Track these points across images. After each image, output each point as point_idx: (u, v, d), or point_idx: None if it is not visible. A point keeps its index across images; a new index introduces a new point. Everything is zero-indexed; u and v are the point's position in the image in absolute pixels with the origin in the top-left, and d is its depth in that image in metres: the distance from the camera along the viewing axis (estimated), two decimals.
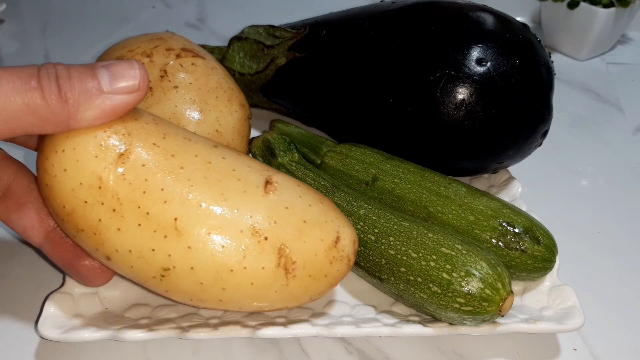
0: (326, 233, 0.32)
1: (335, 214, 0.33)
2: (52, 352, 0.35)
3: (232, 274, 0.29)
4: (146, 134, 0.30)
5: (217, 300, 0.31)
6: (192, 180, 0.29)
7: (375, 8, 0.47)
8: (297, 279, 0.31)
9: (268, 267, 0.30)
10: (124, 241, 0.29)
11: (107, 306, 0.36)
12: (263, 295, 0.31)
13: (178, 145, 0.30)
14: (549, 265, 0.37)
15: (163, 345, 0.35)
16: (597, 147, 0.57)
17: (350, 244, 0.33)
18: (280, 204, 0.31)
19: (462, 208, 0.38)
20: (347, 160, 0.43)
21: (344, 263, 0.33)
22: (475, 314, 0.32)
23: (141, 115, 0.31)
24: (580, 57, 0.72)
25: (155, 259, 0.29)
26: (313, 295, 0.32)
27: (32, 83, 0.25)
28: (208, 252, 0.29)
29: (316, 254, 0.31)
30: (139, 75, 0.27)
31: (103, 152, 0.28)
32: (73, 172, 0.28)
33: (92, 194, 0.28)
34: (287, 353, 0.36)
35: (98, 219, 0.29)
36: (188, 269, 0.29)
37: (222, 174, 0.30)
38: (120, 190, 0.28)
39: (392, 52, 0.42)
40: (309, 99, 0.49)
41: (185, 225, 0.29)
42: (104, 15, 0.79)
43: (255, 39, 0.51)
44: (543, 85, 0.41)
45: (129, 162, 0.29)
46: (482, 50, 0.39)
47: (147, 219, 0.29)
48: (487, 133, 0.40)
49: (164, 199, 0.29)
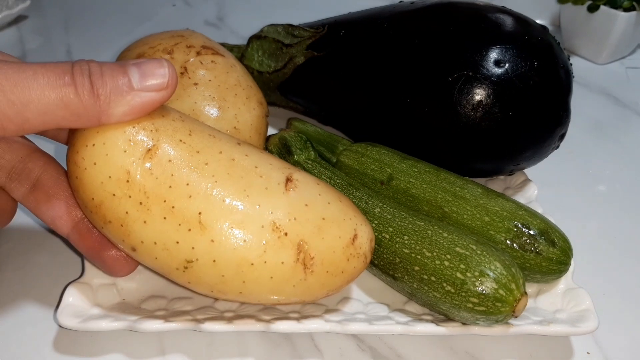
0: (344, 230, 0.32)
1: (353, 212, 0.34)
2: (70, 341, 0.36)
3: (253, 267, 0.30)
4: (173, 130, 0.31)
5: (237, 293, 0.32)
6: (216, 176, 0.30)
7: (394, 8, 0.47)
8: (315, 274, 0.32)
9: (287, 262, 0.31)
10: (150, 233, 0.30)
11: (125, 297, 0.37)
12: (281, 289, 0.31)
13: (203, 142, 0.31)
14: (564, 268, 0.37)
15: (178, 336, 0.36)
16: (615, 151, 0.57)
17: (367, 242, 0.34)
18: (300, 201, 0.32)
19: (478, 209, 0.38)
20: (363, 159, 0.43)
21: (360, 260, 0.33)
22: (489, 315, 0.32)
23: (168, 112, 0.32)
24: (600, 61, 0.71)
25: (179, 251, 0.30)
26: (330, 290, 0.33)
27: (66, 79, 0.26)
28: (230, 246, 0.30)
29: (334, 250, 0.32)
30: (168, 74, 0.28)
31: (131, 147, 0.29)
32: (102, 165, 0.29)
33: (120, 187, 0.29)
34: (300, 348, 0.36)
35: (125, 211, 0.30)
36: (210, 262, 0.30)
37: (245, 170, 0.31)
38: (147, 184, 0.30)
39: (410, 53, 0.43)
40: (326, 98, 0.50)
41: (209, 219, 0.30)
42: (125, 12, 0.81)
43: (274, 37, 0.52)
44: (561, 87, 0.41)
45: (156, 158, 0.30)
46: (500, 51, 0.39)
47: (172, 213, 0.30)
48: (504, 134, 0.40)
49: (189, 193, 0.30)
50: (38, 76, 0.26)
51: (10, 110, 0.25)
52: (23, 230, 0.43)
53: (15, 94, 0.25)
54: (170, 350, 0.35)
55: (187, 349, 0.35)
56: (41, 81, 0.26)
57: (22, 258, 0.41)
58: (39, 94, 0.26)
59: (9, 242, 0.42)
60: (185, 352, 0.35)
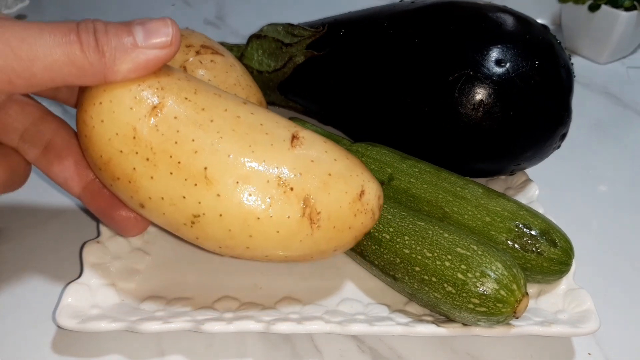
0: (351, 186, 0.33)
1: (360, 169, 0.34)
2: (69, 341, 0.35)
3: (259, 221, 0.31)
4: (178, 88, 0.31)
5: (245, 248, 0.32)
6: (221, 133, 0.31)
7: (394, 8, 0.47)
8: (322, 229, 0.32)
9: (293, 217, 0.31)
10: (157, 189, 0.30)
11: (124, 298, 0.37)
12: (288, 244, 0.32)
13: (208, 100, 0.32)
14: (565, 268, 0.37)
15: (177, 338, 0.36)
16: (616, 151, 0.57)
17: (375, 198, 0.34)
18: (306, 157, 0.32)
19: (479, 209, 0.38)
20: (364, 159, 0.43)
21: (368, 216, 0.33)
22: (490, 315, 0.32)
23: (173, 71, 0.32)
24: (601, 61, 0.71)
25: (186, 206, 0.31)
26: (337, 246, 0.33)
27: (71, 36, 0.27)
28: (236, 200, 0.30)
29: (340, 205, 0.32)
30: (172, 32, 0.29)
31: (137, 104, 0.30)
32: (109, 123, 0.30)
33: (127, 144, 0.30)
34: (300, 349, 0.36)
35: (132, 167, 0.30)
36: (217, 216, 0.31)
37: (250, 127, 0.31)
38: (154, 140, 0.30)
39: (411, 52, 0.42)
40: (326, 98, 0.50)
41: (215, 174, 0.30)
42: (124, 12, 0.80)
43: (273, 37, 0.52)
44: (562, 87, 0.41)
45: (162, 114, 0.30)
46: (501, 51, 0.39)
47: (178, 168, 0.30)
48: (504, 134, 0.40)
49: (194, 149, 0.30)
50: (44, 33, 0.26)
51: (18, 66, 0.26)
52: (23, 230, 0.43)
53: (22, 49, 0.26)
54: (169, 351, 0.35)
55: (187, 350, 0.35)
56: (47, 38, 0.26)
57: (21, 258, 0.41)
58: (46, 50, 0.26)
59: (9, 242, 0.42)
60: (185, 353, 0.35)
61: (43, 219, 0.44)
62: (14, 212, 0.45)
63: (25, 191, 0.47)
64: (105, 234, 0.40)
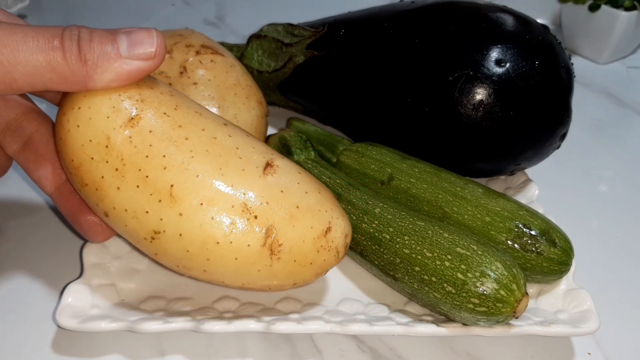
0: (317, 221, 0.32)
1: (331, 205, 0.33)
2: (69, 341, 0.35)
3: (218, 246, 0.30)
4: (159, 102, 0.31)
5: (202, 270, 0.32)
6: (193, 152, 0.31)
7: (395, 7, 0.47)
8: (282, 261, 0.31)
9: (253, 245, 0.31)
10: (122, 200, 0.30)
11: (124, 298, 0.37)
12: (246, 272, 0.31)
13: (188, 117, 0.31)
14: (565, 268, 0.37)
15: (177, 337, 0.36)
16: (616, 151, 0.57)
17: (341, 236, 0.33)
18: (276, 186, 0.32)
19: (478, 209, 0.38)
20: (363, 159, 0.43)
21: (331, 254, 0.33)
22: (490, 315, 0.32)
23: (158, 85, 0.32)
24: (601, 61, 0.71)
25: (148, 220, 0.30)
26: (297, 280, 0.33)
27: (55, 42, 0.27)
28: (198, 222, 0.30)
29: (304, 240, 0.32)
30: (156, 43, 0.28)
31: (114, 114, 0.30)
32: (85, 128, 0.30)
33: (99, 152, 0.30)
34: (300, 349, 0.36)
35: (101, 175, 0.30)
36: (177, 235, 0.30)
37: (224, 150, 0.31)
38: (125, 152, 0.30)
39: (411, 52, 0.42)
40: (326, 98, 0.50)
41: (180, 192, 0.30)
42: (124, 12, 0.80)
43: (273, 37, 0.52)
44: (562, 87, 0.41)
45: (138, 127, 0.30)
46: (501, 51, 0.39)
47: (145, 182, 0.30)
48: (504, 134, 0.40)
49: (164, 165, 0.30)
50: (28, 39, 0.26)
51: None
52: (23, 230, 0.43)
53: (4, 54, 0.26)
54: (169, 351, 0.35)
55: (187, 350, 0.35)
56: (30, 44, 0.26)
57: (21, 258, 0.41)
58: (27, 56, 0.26)
59: (9, 242, 0.42)
60: (185, 352, 0.35)
61: (43, 219, 0.44)
62: (14, 212, 0.45)
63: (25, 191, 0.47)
64: None
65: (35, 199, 0.46)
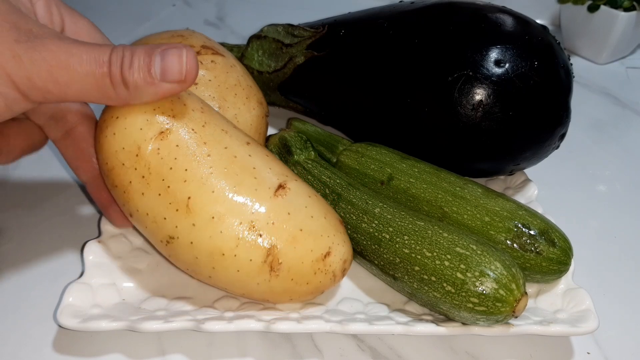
0: (318, 246, 0.34)
1: (334, 231, 0.35)
2: (70, 341, 0.35)
3: (223, 257, 0.33)
4: (189, 119, 0.34)
5: (207, 276, 0.34)
6: (213, 168, 0.33)
7: (394, 8, 0.47)
8: (280, 278, 0.33)
9: (255, 261, 0.33)
10: (144, 205, 0.33)
11: (125, 297, 0.37)
12: (246, 284, 0.33)
13: (213, 135, 0.34)
14: (564, 268, 0.37)
15: (178, 337, 0.36)
16: (615, 151, 0.57)
17: (340, 262, 0.35)
18: (284, 208, 0.34)
19: (478, 209, 0.38)
20: (363, 159, 0.43)
21: (328, 277, 0.35)
22: (489, 315, 0.32)
23: (191, 101, 0.35)
24: (600, 61, 0.71)
25: (165, 226, 0.33)
26: (293, 297, 0.35)
27: (104, 69, 0.30)
28: (208, 233, 0.32)
29: (302, 261, 0.34)
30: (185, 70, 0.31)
31: (147, 127, 0.33)
32: (120, 137, 0.33)
33: (130, 159, 0.33)
34: (300, 348, 0.36)
35: (129, 180, 0.33)
36: (188, 243, 0.33)
37: (242, 169, 0.34)
38: (152, 162, 0.33)
39: (410, 52, 0.43)
40: (326, 98, 0.50)
41: (196, 205, 0.32)
42: (125, 12, 0.81)
43: (274, 37, 0.52)
44: (561, 87, 0.41)
45: (167, 140, 0.33)
46: (500, 51, 0.39)
47: (166, 191, 0.33)
48: (504, 134, 0.40)
49: (184, 178, 0.33)
50: (83, 63, 0.29)
51: (55, 88, 0.29)
52: (24, 230, 0.43)
53: (62, 76, 0.29)
54: (170, 351, 0.35)
55: (187, 349, 0.35)
56: (85, 68, 0.29)
57: (22, 258, 0.41)
58: (81, 79, 0.30)
59: (9, 242, 0.42)
60: (185, 352, 0.35)
61: (44, 219, 0.44)
62: (14, 212, 0.45)
63: (25, 191, 0.47)
64: (106, 233, 0.40)
65: (36, 199, 0.46)
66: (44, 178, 0.49)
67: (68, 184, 0.48)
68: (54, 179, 0.49)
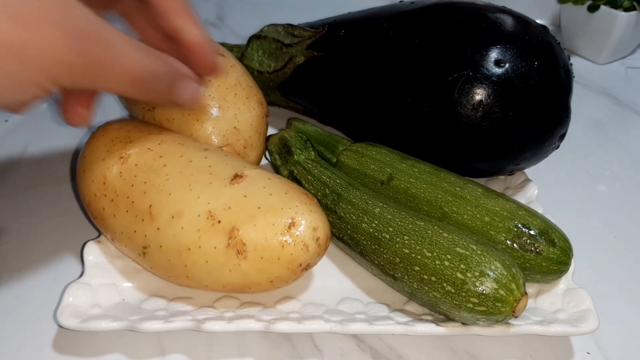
0: (279, 218, 0.33)
1: (297, 202, 0.34)
2: (70, 341, 0.35)
3: (190, 252, 0.34)
4: (145, 140, 0.37)
5: (185, 277, 0.35)
6: (169, 175, 0.35)
7: (394, 8, 0.47)
8: (249, 260, 0.33)
9: (219, 247, 0.33)
10: (118, 225, 0.36)
11: (125, 297, 0.37)
12: (219, 274, 0.34)
13: (170, 149, 0.37)
14: (564, 268, 0.37)
15: (178, 337, 0.36)
16: (615, 151, 0.57)
17: (309, 230, 0.34)
18: (240, 193, 0.34)
19: (478, 209, 0.38)
20: (363, 159, 0.43)
21: (298, 248, 0.34)
22: (489, 315, 0.32)
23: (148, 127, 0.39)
24: (600, 61, 0.71)
25: (137, 238, 0.35)
26: (271, 277, 0.34)
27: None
28: (171, 232, 0.34)
29: (266, 237, 0.33)
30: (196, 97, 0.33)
31: (108, 156, 0.37)
32: (89, 172, 0.37)
33: (99, 189, 0.37)
34: (300, 348, 0.36)
35: (102, 207, 0.36)
36: (158, 247, 0.34)
37: (197, 170, 0.35)
38: (117, 185, 0.36)
39: (410, 52, 0.43)
40: (326, 98, 0.50)
41: (156, 210, 0.34)
42: None
43: (274, 37, 0.52)
44: (562, 87, 0.41)
45: (127, 163, 0.36)
46: (500, 51, 0.39)
47: (132, 207, 0.35)
48: (504, 134, 0.40)
49: (144, 190, 0.35)
50: None
51: None
52: (24, 230, 0.43)
53: None
54: (170, 351, 0.35)
55: (187, 349, 0.35)
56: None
57: (22, 258, 0.41)
58: None
59: (9, 242, 0.42)
60: (185, 352, 0.35)
61: (44, 219, 0.44)
62: (14, 212, 0.45)
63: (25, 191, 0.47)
64: None
65: (36, 199, 0.46)
66: (44, 178, 0.49)
67: (68, 184, 0.48)
68: (54, 179, 0.49)
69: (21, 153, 0.52)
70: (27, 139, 0.54)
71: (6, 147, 0.52)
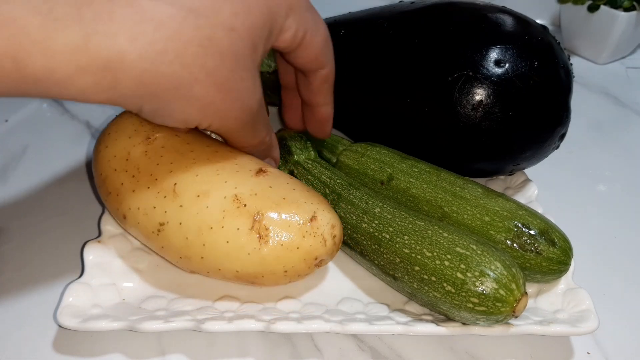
0: (302, 210, 0.35)
1: (317, 200, 0.36)
2: (70, 341, 0.36)
3: (211, 231, 0.34)
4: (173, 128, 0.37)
5: (199, 257, 0.34)
6: (196, 160, 0.35)
7: (394, 8, 0.47)
8: (269, 245, 0.34)
9: (242, 229, 0.33)
10: (136, 200, 0.35)
11: (125, 297, 0.37)
12: (237, 256, 0.34)
13: (195, 138, 0.37)
14: (564, 267, 0.37)
15: (178, 337, 0.36)
16: (615, 151, 0.57)
17: (328, 226, 0.35)
18: (266, 183, 0.35)
19: (478, 209, 0.38)
20: (363, 159, 0.43)
21: (317, 240, 0.35)
22: (489, 315, 0.32)
23: None
24: (600, 61, 0.71)
25: (155, 214, 0.35)
26: (286, 266, 0.34)
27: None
28: (195, 210, 0.34)
29: (289, 225, 0.34)
30: None
31: (135, 135, 0.37)
32: (111, 148, 0.37)
33: (121, 164, 0.36)
34: (300, 348, 0.36)
35: (121, 182, 0.36)
36: (177, 224, 0.34)
37: (223, 159, 0.36)
38: (141, 162, 0.36)
39: (411, 52, 0.43)
40: None
41: (181, 188, 0.34)
42: None
43: None
44: (561, 87, 0.41)
45: (153, 144, 0.36)
46: (500, 51, 0.39)
47: (154, 183, 0.35)
48: (504, 134, 0.40)
49: (170, 169, 0.35)
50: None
51: None
52: (24, 230, 0.43)
53: None
54: (170, 351, 0.35)
55: (187, 349, 0.35)
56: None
57: (22, 258, 0.41)
58: None
59: (9, 242, 0.42)
60: (185, 352, 0.35)
61: (43, 219, 0.44)
62: (14, 212, 0.45)
63: (25, 191, 0.47)
64: (106, 233, 0.40)
65: (36, 199, 0.46)
66: (44, 178, 0.49)
67: (68, 184, 0.48)
68: (54, 179, 0.49)
69: (21, 153, 0.52)
70: (27, 139, 0.54)
71: (6, 147, 0.52)
